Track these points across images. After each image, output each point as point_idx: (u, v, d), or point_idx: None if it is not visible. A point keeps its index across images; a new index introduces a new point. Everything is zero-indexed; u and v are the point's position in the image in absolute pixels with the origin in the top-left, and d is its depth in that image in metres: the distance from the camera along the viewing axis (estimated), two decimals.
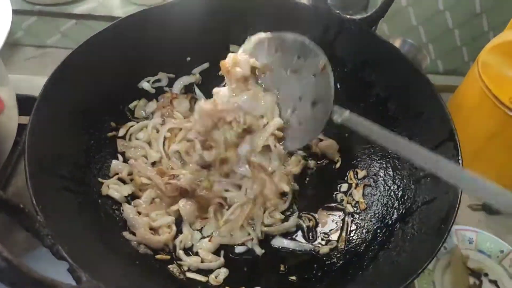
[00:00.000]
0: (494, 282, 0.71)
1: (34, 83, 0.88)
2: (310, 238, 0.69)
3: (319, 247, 0.67)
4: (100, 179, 0.67)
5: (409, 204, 0.64)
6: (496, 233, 0.76)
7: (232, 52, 0.82)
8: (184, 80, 0.83)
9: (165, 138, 0.75)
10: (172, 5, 0.79)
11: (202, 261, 0.63)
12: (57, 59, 1.01)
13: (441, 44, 1.06)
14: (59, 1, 1.00)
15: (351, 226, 0.69)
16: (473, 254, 0.74)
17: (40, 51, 1.07)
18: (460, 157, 0.59)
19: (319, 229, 0.70)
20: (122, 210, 0.65)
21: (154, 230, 0.63)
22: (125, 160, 0.72)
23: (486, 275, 0.72)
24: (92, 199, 0.62)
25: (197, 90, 0.84)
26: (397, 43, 0.93)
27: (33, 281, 0.32)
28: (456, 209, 0.53)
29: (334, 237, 0.68)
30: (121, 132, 0.73)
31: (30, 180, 0.49)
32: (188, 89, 0.83)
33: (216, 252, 0.65)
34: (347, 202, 0.73)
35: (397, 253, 0.57)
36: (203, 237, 0.66)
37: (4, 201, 0.41)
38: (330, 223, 0.70)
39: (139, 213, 0.65)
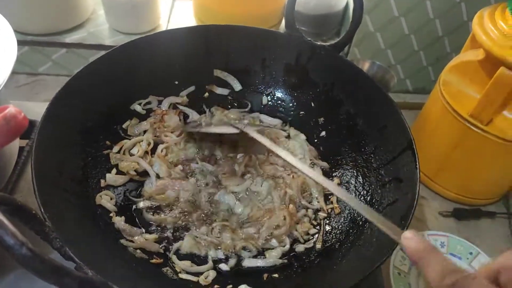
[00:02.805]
0: None
1: (28, 109, 0.92)
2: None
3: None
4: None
5: (376, 207, 0.70)
6: (465, 237, 0.81)
7: (215, 76, 0.90)
8: (171, 100, 0.89)
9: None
10: (159, 35, 0.86)
11: (191, 265, 0.68)
12: (48, 85, 1.09)
13: (409, 65, 1.11)
14: (51, 31, 1.04)
15: (326, 228, 0.75)
16: None
17: (32, 78, 1.10)
18: (417, 163, 0.65)
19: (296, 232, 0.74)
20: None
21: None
22: (118, 173, 0.77)
23: None
24: (91, 210, 0.67)
25: (185, 108, 0.90)
26: (366, 65, 1.00)
27: (53, 268, 0.38)
28: (414, 206, 0.59)
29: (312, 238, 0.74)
30: (115, 149, 0.79)
31: (38, 192, 0.55)
32: (175, 107, 0.89)
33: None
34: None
35: (366, 249, 0.63)
36: None
37: (20, 207, 0.47)
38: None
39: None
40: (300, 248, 0.71)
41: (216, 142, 0.83)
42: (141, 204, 0.74)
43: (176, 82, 0.89)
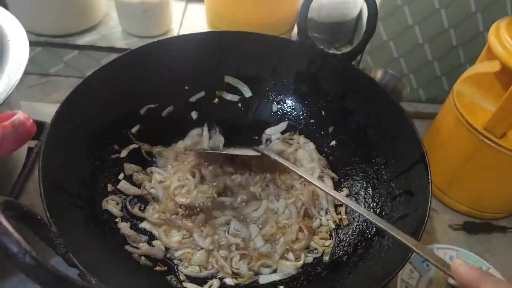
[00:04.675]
0: None
1: (38, 110, 0.93)
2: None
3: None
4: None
5: (386, 220, 0.68)
6: (475, 251, 0.79)
7: (226, 82, 0.90)
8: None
9: None
10: (172, 39, 0.87)
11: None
12: (59, 87, 1.10)
13: (422, 74, 1.10)
14: (64, 32, 1.05)
15: (335, 240, 0.74)
16: None
17: (44, 79, 1.11)
18: (429, 177, 0.64)
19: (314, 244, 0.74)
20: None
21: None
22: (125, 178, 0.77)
23: None
24: (97, 215, 0.67)
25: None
26: (379, 74, 1.00)
27: (57, 278, 0.37)
28: (424, 223, 0.58)
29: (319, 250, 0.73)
30: (123, 154, 0.78)
31: (44, 195, 0.54)
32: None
33: None
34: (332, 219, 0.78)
35: (374, 263, 0.62)
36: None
37: (25, 212, 0.47)
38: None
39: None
40: (308, 259, 0.71)
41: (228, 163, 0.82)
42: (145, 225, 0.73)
43: (187, 87, 0.88)
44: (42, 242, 0.49)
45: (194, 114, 0.90)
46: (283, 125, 0.91)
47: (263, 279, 0.68)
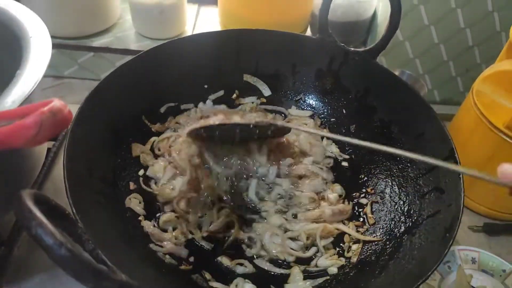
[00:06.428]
0: None
1: None
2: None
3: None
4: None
5: (415, 218, 0.67)
6: (496, 253, 0.78)
7: (245, 80, 0.89)
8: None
9: None
10: (190, 38, 0.86)
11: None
12: (73, 89, 1.09)
13: (437, 75, 1.09)
14: (78, 35, 1.05)
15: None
16: (476, 273, 0.76)
17: (58, 81, 1.10)
18: (461, 174, 0.63)
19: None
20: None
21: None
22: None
23: None
24: (120, 212, 0.66)
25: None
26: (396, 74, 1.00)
27: (92, 270, 0.36)
28: (459, 219, 0.57)
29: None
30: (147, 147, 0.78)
31: (69, 192, 0.53)
32: None
33: None
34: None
35: (407, 261, 0.60)
36: None
37: (54, 207, 0.45)
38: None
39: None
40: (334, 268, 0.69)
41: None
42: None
43: (206, 86, 0.88)
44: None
45: None
46: (306, 113, 0.90)
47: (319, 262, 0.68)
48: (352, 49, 0.82)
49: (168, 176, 0.74)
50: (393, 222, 0.71)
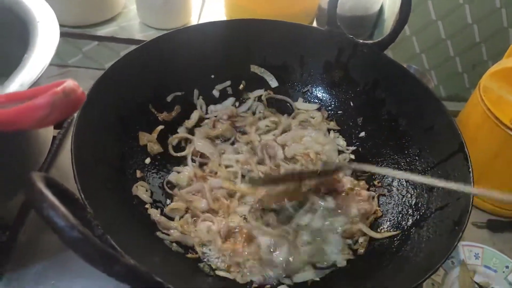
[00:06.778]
0: None
1: None
2: None
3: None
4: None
5: (423, 211, 0.67)
6: (500, 250, 0.78)
7: (252, 71, 0.88)
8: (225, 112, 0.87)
9: None
10: (198, 27, 0.85)
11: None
12: (78, 78, 1.06)
13: (443, 71, 1.09)
14: (83, 23, 1.04)
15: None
16: (479, 269, 0.76)
17: (62, 70, 1.09)
18: (470, 168, 0.63)
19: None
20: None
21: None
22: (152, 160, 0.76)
23: None
24: (128, 200, 0.66)
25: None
26: None
27: (103, 253, 0.36)
28: (469, 212, 0.57)
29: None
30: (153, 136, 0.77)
31: (78, 177, 0.53)
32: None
33: None
34: None
35: (414, 254, 0.60)
36: None
37: (63, 191, 0.45)
38: None
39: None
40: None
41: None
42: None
43: (212, 76, 0.87)
44: None
45: None
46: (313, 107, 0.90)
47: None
48: (361, 41, 0.82)
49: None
50: (400, 215, 0.71)
